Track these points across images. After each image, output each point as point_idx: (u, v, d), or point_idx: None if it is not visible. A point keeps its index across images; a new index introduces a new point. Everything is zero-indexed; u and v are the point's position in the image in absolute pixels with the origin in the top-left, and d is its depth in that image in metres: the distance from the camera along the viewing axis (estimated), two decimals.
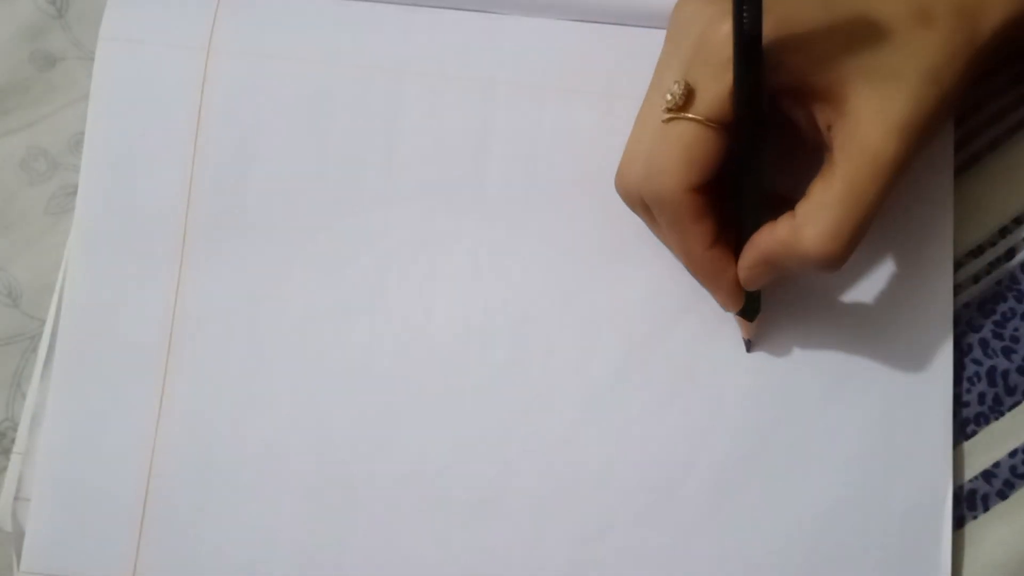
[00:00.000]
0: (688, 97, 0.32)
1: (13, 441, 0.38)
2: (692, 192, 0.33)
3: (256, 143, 0.38)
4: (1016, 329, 0.37)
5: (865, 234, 0.32)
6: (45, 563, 0.36)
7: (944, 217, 0.37)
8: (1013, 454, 0.37)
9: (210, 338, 0.37)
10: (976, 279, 0.37)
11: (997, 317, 0.37)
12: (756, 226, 0.33)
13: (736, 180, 0.34)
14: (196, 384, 0.37)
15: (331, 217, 0.38)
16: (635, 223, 0.37)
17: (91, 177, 0.38)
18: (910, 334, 0.37)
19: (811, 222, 0.32)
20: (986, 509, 0.36)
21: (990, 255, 0.38)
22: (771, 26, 0.30)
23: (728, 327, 0.37)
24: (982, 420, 0.37)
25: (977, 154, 0.38)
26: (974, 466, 0.37)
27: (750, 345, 0.37)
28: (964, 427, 0.37)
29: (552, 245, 0.38)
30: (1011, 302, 0.37)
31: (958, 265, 0.37)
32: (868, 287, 0.37)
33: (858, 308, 0.37)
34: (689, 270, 0.35)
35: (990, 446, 0.37)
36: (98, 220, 0.38)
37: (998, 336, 0.37)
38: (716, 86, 0.31)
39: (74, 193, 0.39)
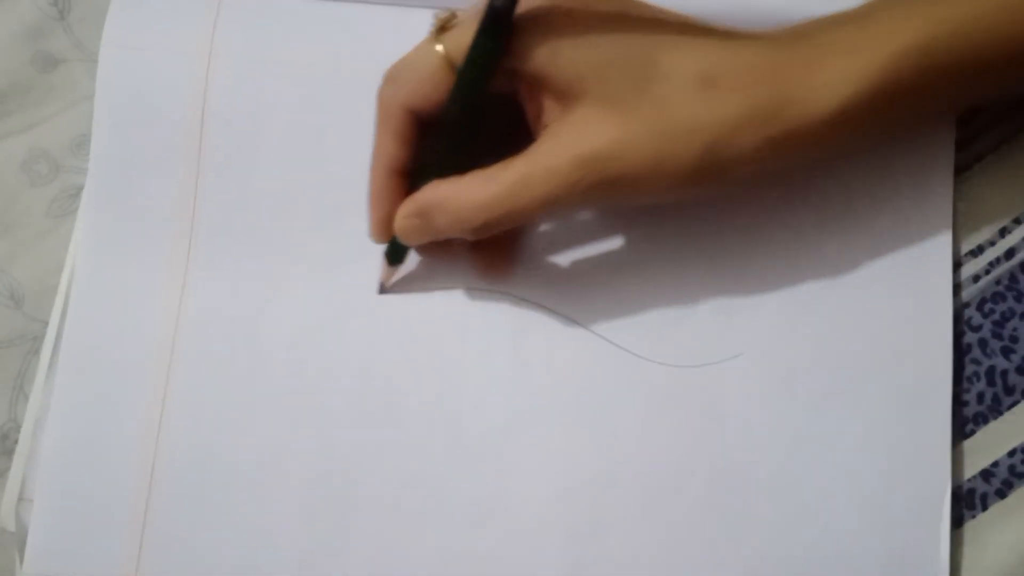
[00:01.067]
0: (447, 27, 0.33)
1: (16, 442, 0.38)
2: (405, 111, 0.33)
3: (259, 146, 0.38)
4: (1015, 329, 0.37)
5: (511, 226, 0.33)
6: (48, 564, 0.36)
7: (944, 217, 0.37)
8: (1012, 454, 0.37)
9: (213, 341, 0.37)
10: (975, 279, 0.38)
11: (996, 317, 0.37)
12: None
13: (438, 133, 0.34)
14: (198, 386, 0.37)
15: (334, 219, 0.38)
16: (634, 226, 0.37)
17: (96, 181, 0.38)
18: (910, 334, 0.37)
19: (473, 188, 0.33)
20: (985, 508, 0.36)
21: (990, 255, 0.38)
22: (548, 12, 0.31)
23: (727, 330, 0.37)
24: (981, 420, 0.37)
25: (977, 154, 0.38)
26: (973, 466, 0.37)
27: (382, 288, 0.37)
28: (963, 427, 0.37)
29: (551, 246, 0.38)
30: (1010, 302, 0.37)
31: (957, 265, 0.37)
32: (868, 287, 0.37)
33: (858, 307, 0.37)
34: (368, 184, 0.36)
35: (989, 446, 0.37)
36: (103, 224, 0.38)
37: (997, 336, 0.37)
38: (466, 32, 0.32)
39: (76, 195, 0.39)
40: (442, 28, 0.33)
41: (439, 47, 0.32)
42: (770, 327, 0.37)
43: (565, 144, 0.32)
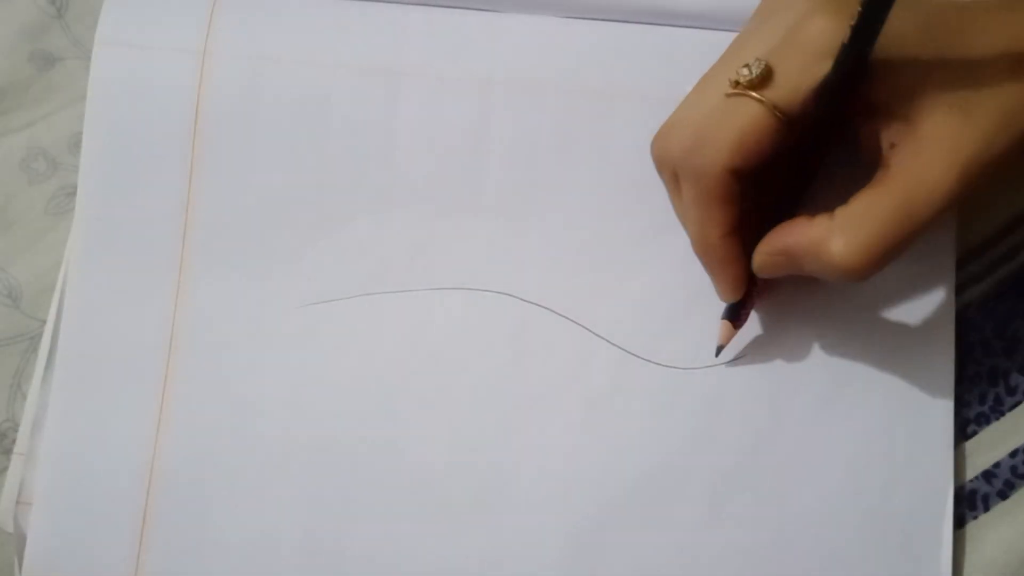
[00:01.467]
0: (764, 79, 0.31)
1: (14, 442, 0.38)
2: (731, 174, 0.32)
3: (254, 145, 0.38)
4: (1017, 329, 0.37)
5: (894, 259, 0.31)
6: (47, 565, 0.36)
7: (946, 216, 0.37)
8: (1014, 454, 0.37)
9: (211, 340, 0.37)
10: (978, 279, 0.37)
11: (998, 317, 0.37)
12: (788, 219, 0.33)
13: (782, 171, 0.33)
14: (197, 386, 0.37)
15: (330, 219, 0.38)
16: (635, 227, 0.37)
17: (90, 181, 0.38)
18: (912, 334, 0.37)
19: (847, 230, 0.31)
20: (987, 509, 0.36)
21: (992, 255, 0.38)
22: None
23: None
24: (983, 420, 0.37)
25: None
26: (975, 466, 0.37)
27: (720, 351, 0.37)
28: (965, 427, 0.37)
29: (551, 246, 0.38)
30: (1012, 302, 0.37)
31: (959, 264, 0.37)
32: (869, 286, 0.37)
33: (859, 308, 0.37)
34: (697, 252, 0.35)
35: (991, 446, 0.37)
36: (98, 223, 0.38)
37: (999, 336, 0.37)
38: (798, 77, 0.31)
39: (73, 193, 0.39)
40: (758, 81, 0.31)
41: (762, 99, 0.31)
42: (772, 328, 0.37)
43: (938, 156, 0.31)
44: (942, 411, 0.36)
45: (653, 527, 0.36)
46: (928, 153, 0.31)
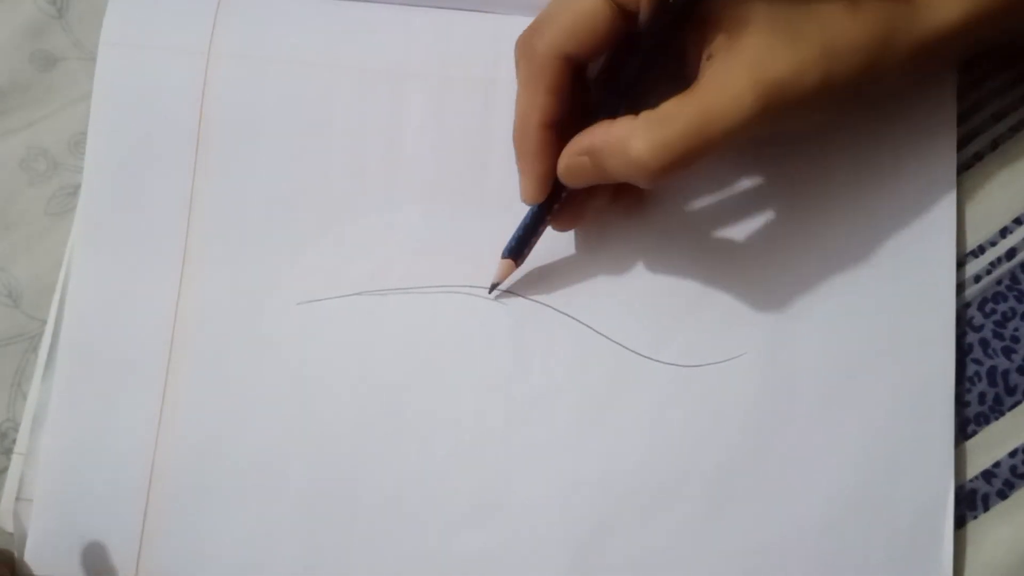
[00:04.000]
0: None
1: (14, 441, 0.38)
2: (562, 60, 0.32)
3: (258, 146, 0.38)
4: (1016, 329, 0.37)
5: (689, 166, 0.32)
6: (48, 564, 0.36)
7: (947, 216, 0.37)
8: (1013, 454, 0.37)
9: (212, 340, 0.37)
10: (977, 279, 0.38)
11: (998, 317, 0.37)
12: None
13: (609, 73, 0.33)
14: (198, 385, 0.37)
15: (332, 219, 0.38)
16: (635, 228, 0.37)
17: (94, 180, 0.38)
18: (912, 333, 0.37)
19: (648, 129, 0.31)
20: (986, 509, 0.36)
21: (991, 255, 0.38)
22: None
23: (730, 330, 0.37)
24: (982, 420, 0.37)
25: (978, 153, 0.38)
26: (974, 466, 0.37)
27: (494, 288, 0.37)
28: (964, 427, 0.37)
29: (553, 245, 0.38)
30: (1012, 302, 0.37)
31: (959, 264, 0.37)
32: (870, 286, 0.37)
33: (860, 307, 0.37)
34: (514, 140, 0.34)
35: (990, 446, 0.37)
36: (101, 223, 0.38)
37: (998, 336, 0.37)
38: None
39: (74, 193, 0.39)
40: None
41: None
42: (773, 327, 0.37)
43: (743, 71, 0.31)
44: (942, 411, 0.36)
45: (654, 526, 0.36)
46: (737, 68, 0.31)
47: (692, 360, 0.37)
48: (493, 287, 0.37)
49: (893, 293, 0.37)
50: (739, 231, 0.38)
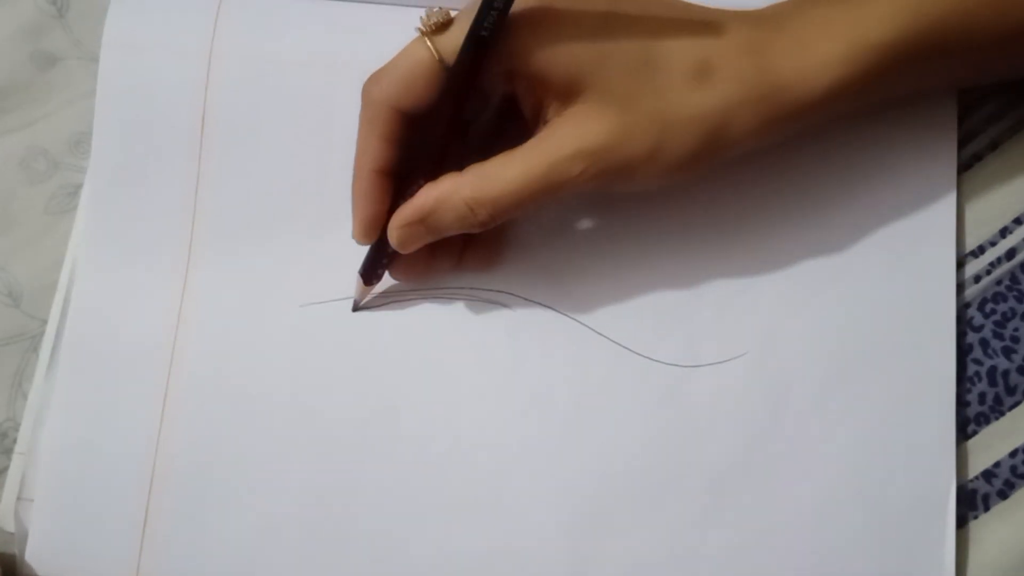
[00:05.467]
0: (442, 26, 0.32)
1: (15, 441, 0.38)
2: (394, 110, 0.33)
3: (260, 145, 0.38)
4: (1016, 329, 0.37)
5: (515, 216, 0.33)
6: (49, 563, 0.36)
7: (947, 216, 0.37)
8: (1013, 454, 0.36)
9: (214, 339, 0.37)
10: (977, 279, 0.38)
11: (997, 317, 0.37)
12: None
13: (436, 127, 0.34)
14: (200, 386, 0.37)
15: (335, 219, 0.38)
16: (636, 224, 0.37)
17: (98, 181, 0.38)
18: (912, 333, 0.37)
19: (474, 183, 0.33)
20: (987, 509, 0.36)
21: (991, 255, 0.38)
22: (543, 10, 0.31)
23: (729, 330, 0.37)
24: (982, 420, 0.37)
25: (978, 154, 0.38)
26: (975, 466, 0.37)
27: (356, 305, 0.37)
28: (964, 427, 0.37)
29: (551, 244, 0.38)
30: (1011, 302, 0.37)
31: (959, 265, 0.37)
32: (870, 286, 0.37)
33: (861, 307, 0.37)
34: (352, 184, 0.35)
35: (990, 446, 0.37)
36: (105, 223, 0.38)
37: (998, 336, 0.37)
38: (458, 32, 0.32)
39: (74, 193, 0.39)
40: (434, 28, 0.33)
41: (430, 45, 0.32)
42: (772, 327, 0.37)
43: (567, 138, 0.32)
44: (943, 411, 0.36)
45: (651, 525, 0.36)
46: (565, 134, 0.32)
47: (690, 360, 0.37)
48: (355, 305, 0.38)
49: (893, 293, 0.37)
50: (738, 230, 0.38)
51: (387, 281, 0.37)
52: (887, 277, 0.37)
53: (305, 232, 0.38)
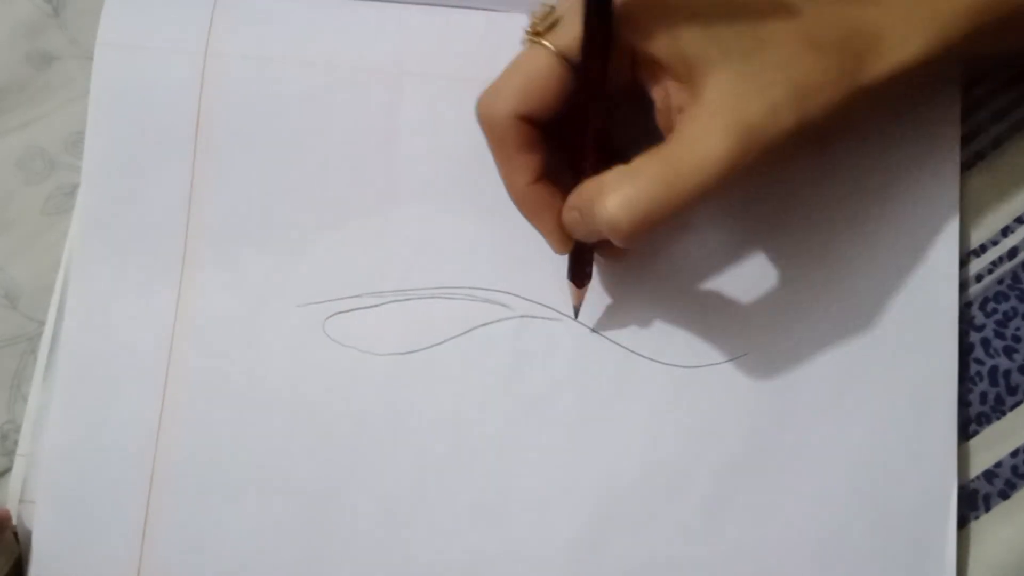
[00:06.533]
0: (552, 24, 0.32)
1: (16, 443, 0.38)
2: (521, 120, 0.32)
3: (256, 145, 0.38)
4: (1018, 329, 0.37)
5: (665, 222, 0.30)
6: (53, 564, 0.36)
7: (950, 215, 0.37)
8: (1015, 454, 0.37)
9: (212, 340, 0.37)
10: (978, 278, 0.38)
11: (999, 316, 0.37)
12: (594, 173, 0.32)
13: (579, 125, 0.33)
14: (198, 386, 0.37)
15: (331, 219, 0.38)
16: None
17: (92, 181, 0.38)
18: (914, 333, 0.37)
19: (617, 187, 0.30)
20: (988, 509, 0.36)
21: (992, 254, 0.38)
22: None
23: (731, 330, 0.37)
24: (984, 420, 0.37)
25: (980, 152, 0.38)
26: (976, 466, 0.37)
27: (577, 312, 0.37)
28: (966, 427, 0.37)
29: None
30: (1013, 301, 0.37)
31: (961, 263, 0.37)
32: (873, 286, 0.37)
33: (862, 307, 0.37)
34: (516, 205, 0.34)
35: (992, 446, 0.37)
36: (100, 224, 0.38)
37: (1000, 336, 0.37)
38: (576, 22, 0.31)
39: (71, 193, 0.39)
40: (547, 28, 0.31)
41: (549, 46, 0.31)
42: (773, 327, 0.37)
43: (714, 122, 0.30)
44: (945, 410, 0.36)
45: (655, 526, 0.36)
46: (705, 119, 0.30)
47: (693, 360, 0.37)
48: (576, 311, 0.37)
49: (895, 292, 0.37)
50: (739, 229, 0.38)
51: (388, 283, 0.37)
52: (889, 276, 0.37)
53: (301, 232, 0.38)
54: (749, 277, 0.37)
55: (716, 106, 0.30)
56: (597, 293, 0.37)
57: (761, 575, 0.36)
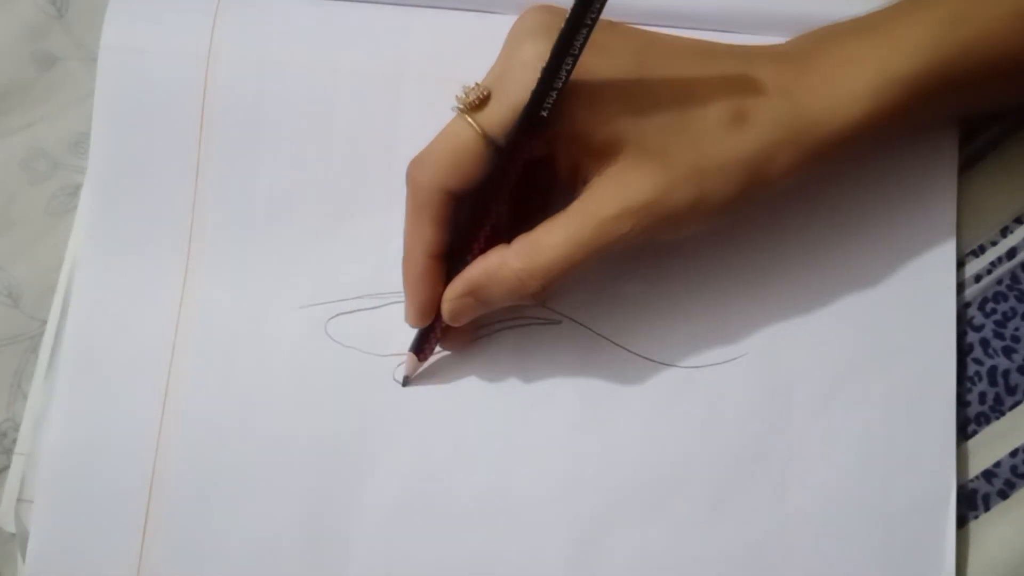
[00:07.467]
0: (481, 102, 0.32)
1: (15, 441, 0.38)
2: (443, 194, 0.33)
3: (259, 147, 0.38)
4: (1017, 329, 0.37)
5: (568, 283, 0.33)
6: (50, 564, 0.36)
7: (947, 216, 0.37)
8: (1014, 454, 0.37)
9: (214, 339, 0.37)
10: (977, 278, 0.38)
11: (998, 317, 0.37)
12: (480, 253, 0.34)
13: (477, 207, 0.34)
14: (200, 386, 0.37)
15: (333, 220, 0.38)
16: None
17: (96, 181, 0.38)
18: (913, 333, 0.37)
19: (522, 253, 0.33)
20: (987, 509, 0.36)
21: (991, 254, 0.38)
22: (577, 72, 0.31)
23: (730, 330, 0.37)
24: (983, 420, 0.37)
25: (978, 153, 0.38)
26: (975, 466, 0.37)
27: (407, 381, 0.37)
28: (965, 427, 0.37)
29: None
30: (1012, 301, 0.37)
31: (959, 264, 0.37)
32: (872, 286, 0.37)
33: (861, 307, 0.37)
34: (402, 269, 0.35)
35: (991, 446, 0.37)
36: (104, 224, 0.38)
37: (999, 336, 0.37)
38: (509, 102, 0.32)
39: (74, 193, 0.39)
40: (474, 105, 0.32)
41: (474, 124, 0.32)
42: (772, 328, 0.37)
43: (611, 197, 0.32)
44: (943, 410, 0.36)
45: (655, 526, 0.36)
46: (608, 193, 0.32)
47: (692, 361, 0.37)
48: (405, 380, 0.37)
49: (893, 293, 0.37)
50: (738, 230, 0.38)
51: (391, 284, 0.37)
52: (888, 277, 0.37)
53: (304, 233, 0.38)
54: (749, 277, 0.37)
55: (616, 182, 0.32)
56: (595, 295, 0.37)
57: (761, 575, 0.36)
